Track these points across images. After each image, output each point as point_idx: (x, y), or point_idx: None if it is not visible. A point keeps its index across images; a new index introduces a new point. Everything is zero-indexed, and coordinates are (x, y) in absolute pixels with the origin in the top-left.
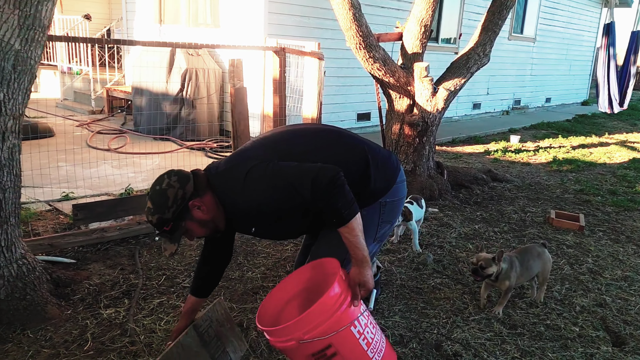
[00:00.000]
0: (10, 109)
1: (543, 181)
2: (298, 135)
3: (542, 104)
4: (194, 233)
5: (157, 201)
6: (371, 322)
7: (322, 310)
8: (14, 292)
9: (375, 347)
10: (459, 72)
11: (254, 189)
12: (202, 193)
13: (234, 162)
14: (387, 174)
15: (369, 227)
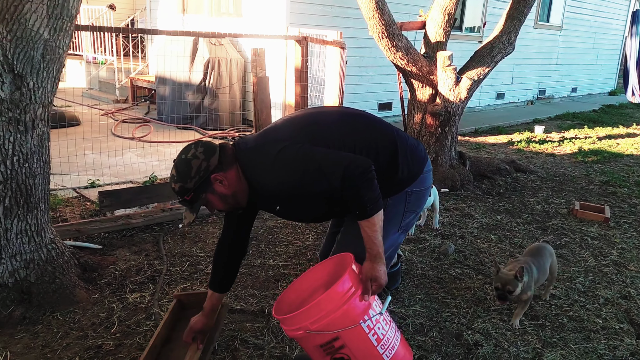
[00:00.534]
0: (40, 97)
1: (568, 172)
2: (329, 119)
3: (567, 94)
4: (214, 206)
5: (181, 170)
6: (384, 319)
7: (330, 301)
8: (44, 276)
9: (386, 344)
10: (483, 61)
11: (283, 170)
12: (226, 167)
13: (265, 140)
14: (415, 162)
15: (395, 216)
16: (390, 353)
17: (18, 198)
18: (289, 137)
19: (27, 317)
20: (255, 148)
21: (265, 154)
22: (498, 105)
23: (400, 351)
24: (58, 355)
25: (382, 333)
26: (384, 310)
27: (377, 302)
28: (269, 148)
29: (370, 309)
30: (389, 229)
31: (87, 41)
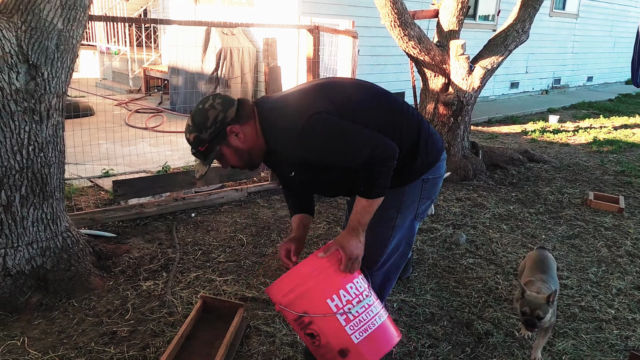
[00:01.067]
0: (54, 87)
1: (582, 162)
2: (359, 95)
3: (583, 83)
4: (228, 160)
5: (197, 120)
6: (359, 300)
7: (298, 276)
8: (60, 263)
9: (357, 326)
10: (497, 50)
11: (310, 140)
12: (243, 121)
13: (291, 104)
14: (433, 150)
15: (411, 203)
16: (360, 335)
17: (34, 187)
18: (317, 105)
19: (44, 303)
20: (280, 110)
21: (292, 119)
22: (512, 95)
23: (376, 334)
24: (74, 340)
25: (354, 314)
26: (363, 292)
27: (360, 283)
28: (296, 113)
29: (343, 289)
30: (406, 216)
31: (100, 31)
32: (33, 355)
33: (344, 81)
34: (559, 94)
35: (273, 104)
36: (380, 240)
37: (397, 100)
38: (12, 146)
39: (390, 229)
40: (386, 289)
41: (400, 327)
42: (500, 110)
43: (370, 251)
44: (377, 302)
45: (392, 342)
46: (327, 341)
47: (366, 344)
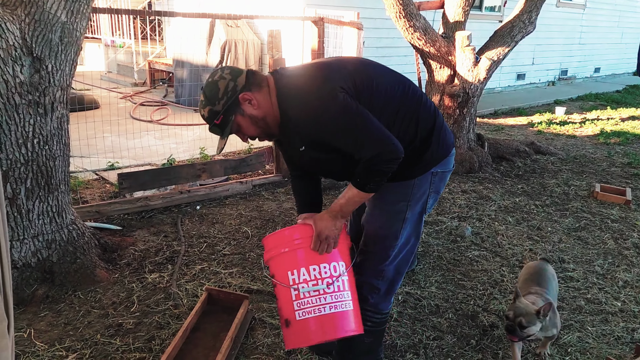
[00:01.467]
0: (59, 79)
1: (589, 154)
2: (382, 78)
3: (590, 74)
4: (245, 130)
5: (208, 93)
6: (315, 285)
7: (279, 238)
8: (66, 256)
9: (303, 305)
10: (503, 41)
11: (324, 118)
12: (255, 88)
13: (313, 74)
14: (446, 143)
15: (421, 196)
16: (303, 315)
17: (39, 180)
18: (338, 82)
19: (50, 295)
20: (300, 78)
21: (311, 90)
22: (518, 86)
23: (318, 321)
24: (80, 332)
25: (304, 294)
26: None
27: (327, 270)
28: (316, 85)
29: (304, 268)
30: (415, 210)
31: (105, 24)
32: (39, 347)
33: (367, 62)
34: (565, 86)
35: (293, 72)
36: (391, 233)
37: (417, 89)
38: (17, 139)
39: (400, 221)
40: (397, 282)
41: (405, 319)
42: (506, 102)
43: (382, 244)
44: (337, 293)
45: (334, 334)
46: (280, 305)
47: (305, 325)
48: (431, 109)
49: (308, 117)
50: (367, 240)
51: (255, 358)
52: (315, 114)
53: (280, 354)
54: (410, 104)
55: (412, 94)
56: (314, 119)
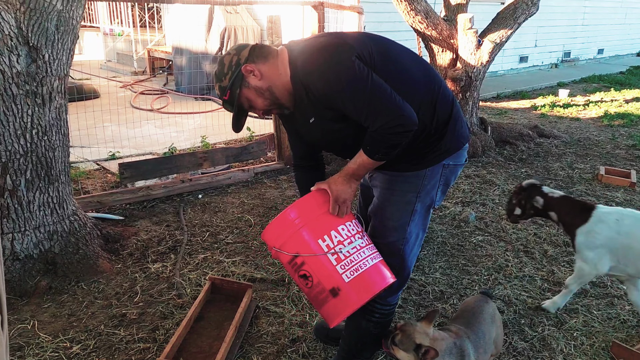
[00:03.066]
0: (56, 69)
1: (593, 137)
2: (405, 61)
3: (593, 56)
4: (254, 104)
5: (217, 70)
6: (350, 241)
7: (285, 219)
8: (68, 247)
9: (348, 265)
10: (506, 23)
11: (335, 79)
12: (258, 60)
13: (330, 40)
14: (461, 134)
15: (431, 189)
16: (352, 274)
17: (39, 171)
18: (356, 47)
19: (53, 287)
20: (313, 42)
21: (323, 52)
22: (521, 69)
23: (367, 275)
24: (84, 323)
25: (345, 254)
26: (355, 234)
27: (353, 226)
28: (330, 47)
29: (334, 230)
30: (425, 202)
31: (103, 12)
32: (43, 339)
33: (387, 41)
34: (569, 68)
35: (307, 40)
36: (400, 225)
37: (437, 74)
38: (16, 130)
39: (409, 213)
40: (407, 276)
41: (410, 305)
42: (509, 85)
43: (391, 238)
44: (369, 246)
45: (384, 283)
46: (318, 281)
47: (357, 284)
48: (449, 98)
49: (320, 80)
50: (377, 232)
51: (259, 347)
52: (328, 77)
53: (285, 342)
54: (431, 89)
55: (433, 79)
56: (327, 82)
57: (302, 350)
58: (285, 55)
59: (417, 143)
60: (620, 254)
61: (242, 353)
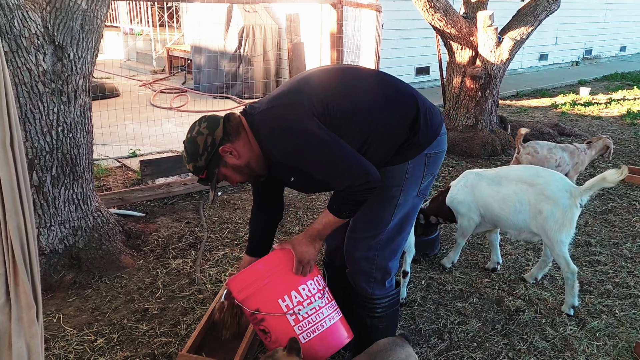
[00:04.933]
0: (81, 67)
1: (615, 135)
2: (352, 84)
3: (615, 54)
4: (232, 179)
5: (189, 150)
6: (310, 303)
7: (253, 273)
8: (91, 242)
9: (306, 326)
10: (526, 20)
11: (297, 154)
12: (233, 137)
13: (278, 103)
14: (434, 124)
15: (414, 180)
16: (308, 335)
17: (64, 167)
18: (306, 112)
19: (77, 281)
20: (268, 110)
21: (279, 123)
22: (541, 67)
23: (325, 336)
24: (107, 317)
25: (304, 315)
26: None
27: (314, 285)
28: (284, 115)
29: (295, 290)
30: (409, 194)
31: (123, 12)
32: (68, 332)
33: (341, 72)
34: (590, 66)
35: (261, 107)
36: (383, 219)
37: (391, 81)
38: (42, 127)
39: (392, 207)
40: (392, 269)
41: (429, 304)
42: (529, 84)
43: (373, 231)
44: (329, 304)
45: (339, 344)
46: (276, 337)
47: (313, 345)
48: (408, 93)
49: (283, 154)
50: (357, 226)
51: None
52: (290, 148)
53: None
54: (390, 104)
55: (387, 93)
56: (289, 155)
57: None
58: (247, 126)
59: (397, 147)
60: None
61: (262, 349)
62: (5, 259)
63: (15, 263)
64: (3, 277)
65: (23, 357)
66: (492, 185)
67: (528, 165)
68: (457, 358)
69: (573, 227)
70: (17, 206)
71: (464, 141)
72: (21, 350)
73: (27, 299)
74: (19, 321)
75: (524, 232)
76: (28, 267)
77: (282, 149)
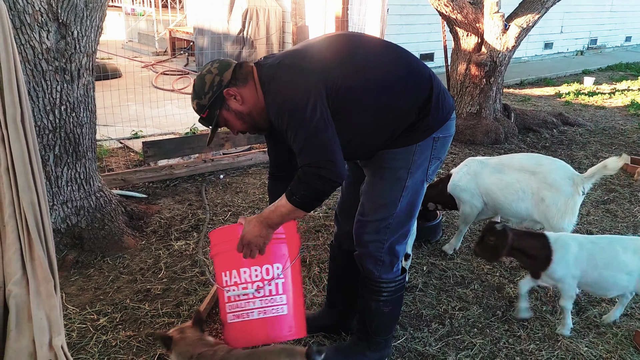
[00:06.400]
0: (84, 46)
1: (618, 125)
2: (367, 59)
3: (621, 44)
4: (232, 125)
5: (196, 87)
6: (244, 288)
7: (222, 235)
8: (94, 222)
9: (233, 309)
10: (533, 7)
11: (286, 109)
12: (241, 83)
13: (289, 62)
14: (445, 107)
15: (422, 163)
16: (231, 318)
17: (67, 146)
18: (323, 73)
19: (80, 261)
20: (276, 65)
21: (285, 82)
22: (545, 56)
23: (249, 326)
24: (110, 297)
25: (234, 296)
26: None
27: (258, 273)
28: (293, 77)
29: (236, 270)
30: (416, 177)
31: None
32: (71, 310)
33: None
34: (595, 55)
35: (275, 61)
36: (390, 201)
37: (408, 56)
38: (45, 106)
39: (400, 189)
40: (400, 252)
41: (430, 289)
42: (533, 72)
43: (381, 213)
44: (268, 299)
45: (262, 340)
46: (220, 306)
47: (235, 328)
48: (426, 74)
49: (275, 110)
50: (365, 210)
51: None
52: (281, 109)
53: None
54: (406, 75)
55: (405, 64)
56: (277, 111)
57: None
58: (256, 76)
59: (405, 126)
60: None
61: None
62: (21, 235)
63: (31, 238)
64: (19, 252)
65: (44, 329)
66: (495, 173)
67: (530, 153)
68: (458, 343)
69: (575, 215)
70: (30, 181)
71: (467, 128)
72: (42, 322)
73: (44, 273)
74: (38, 294)
75: (526, 220)
76: (43, 242)
77: (274, 105)
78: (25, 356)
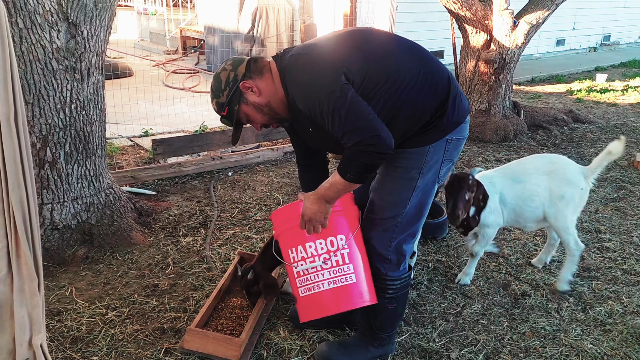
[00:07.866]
0: (94, 45)
1: (630, 123)
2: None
3: (635, 40)
4: (253, 119)
5: (214, 86)
6: (312, 262)
7: (280, 215)
8: (103, 218)
9: (303, 282)
10: (543, 4)
11: (317, 98)
12: (256, 75)
13: (312, 51)
14: (461, 109)
15: (434, 164)
16: (303, 292)
17: (77, 144)
18: (341, 66)
19: (89, 256)
20: (303, 58)
21: (310, 70)
22: (557, 53)
23: (318, 297)
24: (118, 291)
25: (303, 272)
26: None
27: (324, 246)
28: (318, 66)
29: (302, 245)
30: (428, 178)
31: None
32: (80, 305)
33: (374, 41)
34: (608, 52)
35: (296, 52)
36: (400, 201)
37: (427, 55)
38: (56, 104)
39: (410, 189)
40: (407, 252)
41: (435, 286)
42: (544, 69)
43: (390, 213)
44: (333, 269)
45: (334, 310)
46: (290, 282)
47: (307, 302)
48: (445, 74)
49: (302, 97)
50: (375, 208)
51: (286, 320)
52: (310, 97)
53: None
54: (425, 73)
55: (425, 62)
56: (309, 99)
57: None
58: (274, 68)
59: (419, 126)
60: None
61: (269, 326)
62: (8, 232)
63: (18, 236)
64: (5, 250)
65: (25, 327)
66: (515, 184)
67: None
68: (462, 339)
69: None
70: (20, 180)
71: (476, 126)
72: (23, 320)
73: (29, 271)
74: (21, 292)
75: (541, 221)
76: (30, 240)
77: (303, 94)
78: (5, 353)
